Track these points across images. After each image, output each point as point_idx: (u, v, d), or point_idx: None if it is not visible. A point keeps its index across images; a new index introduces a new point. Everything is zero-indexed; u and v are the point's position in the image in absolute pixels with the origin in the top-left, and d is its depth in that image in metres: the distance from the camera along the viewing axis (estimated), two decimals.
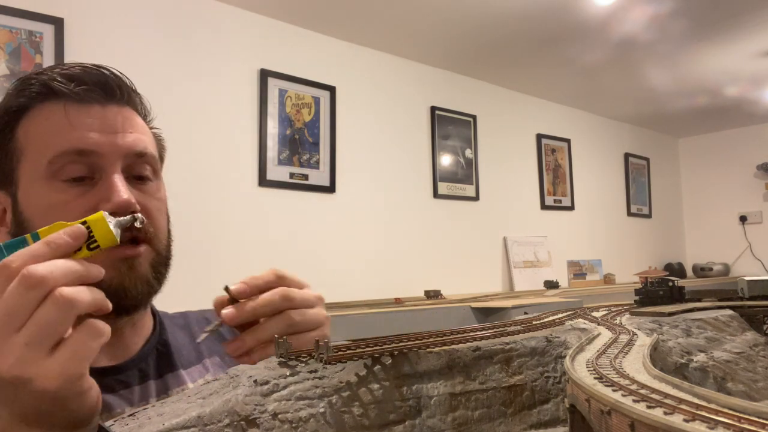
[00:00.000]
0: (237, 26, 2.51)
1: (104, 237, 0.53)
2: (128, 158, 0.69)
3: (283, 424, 0.46)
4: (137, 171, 0.71)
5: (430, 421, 0.54)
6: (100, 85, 0.70)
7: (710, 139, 5.16)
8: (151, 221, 0.71)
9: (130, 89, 0.74)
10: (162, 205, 0.75)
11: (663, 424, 0.37)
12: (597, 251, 4.22)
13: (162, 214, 0.75)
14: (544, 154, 3.97)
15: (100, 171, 0.67)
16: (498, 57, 3.22)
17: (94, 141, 0.67)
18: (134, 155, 0.70)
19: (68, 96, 0.68)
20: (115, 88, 0.71)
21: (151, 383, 0.75)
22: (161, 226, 0.74)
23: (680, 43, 3.10)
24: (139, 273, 0.69)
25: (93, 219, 0.53)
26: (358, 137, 2.90)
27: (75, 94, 0.68)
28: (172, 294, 0.80)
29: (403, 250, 3.02)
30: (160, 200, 0.74)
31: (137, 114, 0.75)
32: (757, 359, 0.81)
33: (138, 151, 0.70)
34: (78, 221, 0.53)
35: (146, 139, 0.73)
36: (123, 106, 0.72)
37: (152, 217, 0.71)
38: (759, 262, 4.72)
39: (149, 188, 0.73)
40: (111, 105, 0.70)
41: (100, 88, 0.70)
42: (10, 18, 1.93)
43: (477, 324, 0.87)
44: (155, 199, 0.73)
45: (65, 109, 0.68)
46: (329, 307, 2.67)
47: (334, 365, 0.52)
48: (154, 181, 0.74)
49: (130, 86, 0.74)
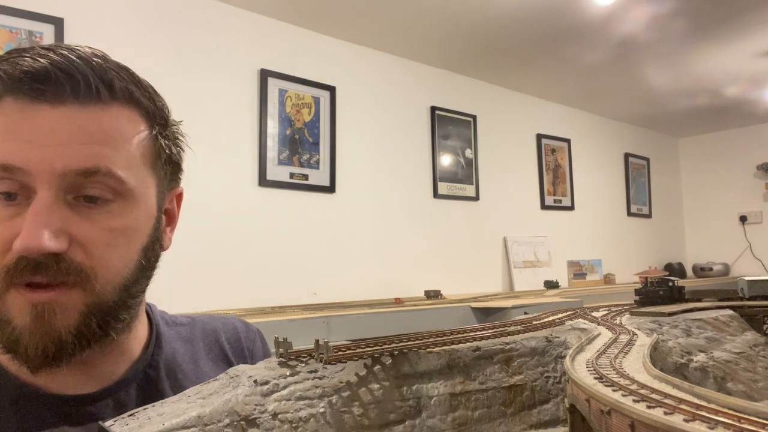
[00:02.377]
0: (237, 26, 2.51)
1: None
2: (68, 177, 0.55)
3: (283, 424, 0.46)
4: (84, 191, 0.56)
5: (430, 421, 0.54)
6: (48, 78, 0.55)
7: (710, 139, 5.16)
8: (89, 260, 0.56)
9: (105, 77, 0.58)
10: (118, 238, 0.58)
11: (663, 424, 0.37)
12: (597, 251, 4.22)
13: (114, 249, 0.58)
14: (544, 154, 3.97)
15: (31, 190, 0.54)
16: (498, 57, 3.22)
17: (22, 155, 0.54)
18: (75, 174, 0.55)
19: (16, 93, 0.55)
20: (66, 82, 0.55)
21: None
22: (109, 264, 0.58)
23: (680, 43, 3.10)
24: (55, 325, 0.55)
25: None
26: (358, 137, 2.90)
27: (22, 93, 0.55)
28: (172, 294, 0.79)
29: (403, 250, 3.02)
30: (116, 231, 0.58)
31: (125, 109, 0.60)
32: (757, 359, 0.81)
33: (81, 168, 0.55)
34: None
35: (107, 153, 0.57)
36: (88, 104, 0.56)
37: (93, 255, 0.56)
38: (759, 262, 4.72)
39: (101, 215, 0.57)
40: (66, 105, 0.55)
41: (47, 83, 0.55)
42: (10, 18, 1.93)
43: (477, 324, 0.87)
44: (107, 231, 0.57)
45: (10, 110, 0.55)
46: (330, 307, 2.65)
47: (334, 365, 0.52)
48: (117, 205, 0.58)
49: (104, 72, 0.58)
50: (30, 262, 0.53)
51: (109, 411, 0.63)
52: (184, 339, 0.76)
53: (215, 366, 0.77)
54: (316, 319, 1.90)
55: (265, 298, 2.39)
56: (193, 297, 2.15)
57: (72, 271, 0.55)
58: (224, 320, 0.85)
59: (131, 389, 0.66)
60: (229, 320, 0.86)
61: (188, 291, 2.18)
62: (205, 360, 0.77)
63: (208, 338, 0.80)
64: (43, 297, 0.54)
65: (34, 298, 0.54)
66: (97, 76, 0.57)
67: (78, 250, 0.56)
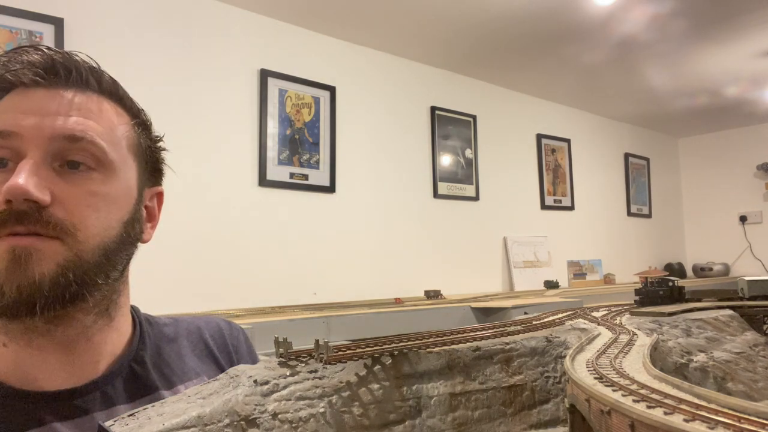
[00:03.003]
0: (237, 26, 2.51)
1: None
2: (55, 141, 0.61)
3: (283, 424, 0.46)
4: (69, 156, 0.62)
5: (430, 421, 0.54)
6: (48, 67, 0.63)
7: (710, 139, 5.17)
8: (70, 217, 0.61)
9: (93, 72, 0.67)
10: (98, 201, 0.63)
11: (663, 424, 0.37)
12: (597, 251, 4.22)
13: (94, 211, 0.63)
14: (544, 154, 3.97)
15: (21, 155, 0.60)
16: (498, 57, 3.22)
17: (15, 122, 0.60)
18: (63, 138, 0.61)
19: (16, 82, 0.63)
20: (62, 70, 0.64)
21: (120, 409, 0.65)
22: (88, 224, 0.62)
23: (680, 43, 3.10)
24: (33, 271, 0.58)
25: None
26: (358, 137, 2.90)
27: (21, 82, 0.62)
28: (172, 294, 0.80)
29: (403, 250, 3.02)
30: (97, 195, 0.63)
31: (110, 103, 0.68)
32: (757, 359, 0.81)
33: (68, 134, 0.62)
34: None
35: (91, 125, 0.64)
36: (79, 91, 0.65)
37: (73, 212, 0.61)
38: (759, 262, 4.72)
39: (83, 180, 0.63)
40: (60, 89, 0.63)
41: (47, 71, 0.63)
42: (10, 18, 1.93)
43: (477, 324, 0.87)
44: (88, 194, 0.63)
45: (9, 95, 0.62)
46: (330, 307, 2.65)
47: (334, 365, 0.52)
48: (98, 173, 0.64)
49: (99, 72, 0.68)
50: (14, 213, 0.58)
51: (97, 404, 0.64)
52: (168, 337, 0.77)
53: (200, 362, 0.78)
54: (316, 319, 1.90)
55: (265, 298, 2.39)
56: (193, 297, 2.15)
57: (53, 223, 0.59)
58: (207, 319, 0.87)
59: (117, 383, 0.67)
60: (212, 319, 0.88)
61: (188, 291, 2.18)
62: (190, 356, 0.78)
63: (192, 335, 0.81)
64: (23, 241, 0.58)
65: (13, 241, 0.58)
66: (89, 71, 0.66)
67: (59, 208, 0.60)
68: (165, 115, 2.18)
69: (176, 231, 2.19)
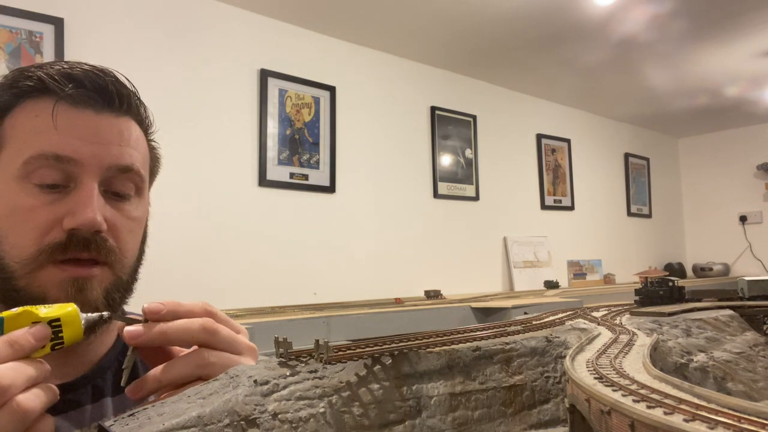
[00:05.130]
0: (237, 26, 2.51)
1: (72, 336, 0.49)
2: (110, 171, 0.64)
3: (283, 424, 0.46)
4: (117, 187, 0.66)
5: (430, 421, 0.54)
6: (99, 90, 0.65)
7: (710, 139, 5.17)
8: (117, 243, 0.65)
9: (133, 97, 0.69)
10: (135, 226, 0.69)
11: (663, 424, 0.37)
12: (597, 251, 4.22)
13: (133, 236, 0.68)
14: (544, 154, 3.97)
15: (75, 180, 0.63)
16: (498, 57, 3.22)
17: (74, 148, 0.62)
18: (117, 169, 0.65)
19: (61, 97, 0.63)
20: (115, 96, 0.66)
21: (108, 401, 0.68)
22: (128, 248, 0.67)
23: (680, 43, 3.10)
24: (89, 297, 0.62)
25: (66, 315, 0.49)
26: (358, 137, 2.90)
27: (69, 96, 0.63)
28: (172, 294, 0.80)
29: (403, 250, 3.02)
30: (135, 220, 0.68)
31: (137, 125, 0.70)
32: (757, 359, 0.81)
33: (122, 165, 0.65)
34: (50, 313, 0.48)
35: (136, 155, 0.68)
36: (121, 116, 0.67)
37: (120, 239, 0.65)
38: (759, 262, 4.72)
39: (125, 207, 0.67)
40: (106, 113, 0.66)
41: (98, 94, 0.65)
42: (10, 18, 1.93)
43: (477, 324, 0.87)
44: (129, 220, 0.67)
45: (55, 110, 0.63)
46: (330, 307, 2.65)
47: (334, 365, 0.52)
48: (135, 200, 0.68)
49: (133, 94, 0.69)
50: (81, 239, 0.61)
51: (88, 397, 0.67)
52: None
53: None
54: (316, 319, 1.90)
55: (265, 298, 2.39)
56: (193, 297, 2.14)
57: (106, 250, 0.63)
58: None
59: (108, 375, 0.70)
60: None
61: (188, 291, 2.17)
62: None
63: None
64: (85, 272, 0.62)
65: (76, 272, 0.62)
66: (121, 92, 0.67)
67: (110, 234, 0.64)
68: (165, 115, 2.18)
69: (176, 231, 2.19)
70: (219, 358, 0.55)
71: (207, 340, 0.55)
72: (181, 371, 0.53)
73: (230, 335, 0.57)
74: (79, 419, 0.64)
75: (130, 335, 0.52)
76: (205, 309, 0.57)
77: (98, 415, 0.66)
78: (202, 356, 0.54)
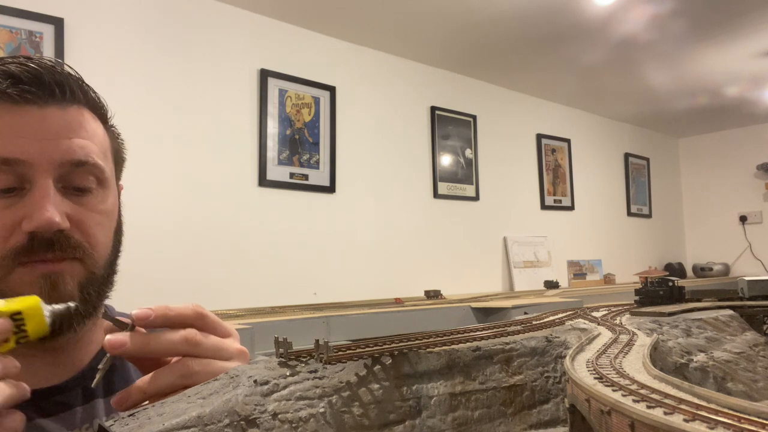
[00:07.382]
0: (237, 26, 2.51)
1: (36, 329, 0.48)
2: (63, 167, 0.62)
3: (283, 424, 0.46)
4: (77, 181, 0.64)
5: (430, 421, 0.54)
6: (37, 83, 0.62)
7: (710, 139, 5.17)
8: (85, 237, 0.64)
9: (79, 85, 0.66)
10: (104, 219, 0.67)
11: (663, 424, 0.37)
12: (597, 251, 4.22)
13: (103, 229, 0.67)
14: (544, 154, 3.97)
15: (30, 181, 0.60)
16: (498, 57, 3.22)
17: (21, 149, 0.60)
18: (71, 164, 0.63)
19: (2, 97, 0.61)
20: (55, 87, 0.63)
21: (99, 402, 0.67)
22: (99, 242, 0.66)
23: (680, 43, 3.10)
24: (64, 293, 0.61)
25: (28, 308, 0.48)
26: (358, 137, 2.90)
27: (7, 95, 0.61)
28: (172, 294, 0.80)
29: (403, 250, 3.02)
30: (102, 213, 0.67)
31: (89, 113, 0.67)
32: (757, 359, 0.81)
33: (75, 159, 0.63)
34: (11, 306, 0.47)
35: (90, 146, 0.65)
36: (68, 106, 0.64)
37: (88, 233, 0.64)
38: (759, 262, 4.72)
39: (89, 200, 0.65)
40: (51, 106, 0.63)
41: (37, 87, 0.62)
42: (10, 18, 1.93)
43: (477, 324, 0.87)
44: (95, 213, 0.65)
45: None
46: (330, 307, 2.65)
47: (334, 365, 0.52)
48: (99, 192, 0.66)
49: (78, 81, 0.66)
50: (43, 241, 0.60)
51: (79, 399, 0.66)
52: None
53: None
54: (316, 319, 1.90)
55: (265, 298, 2.39)
56: (192, 297, 2.14)
57: (73, 246, 0.62)
58: None
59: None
60: None
61: (188, 291, 2.17)
62: None
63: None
64: (55, 267, 0.61)
65: (46, 268, 0.61)
66: (69, 82, 0.65)
67: (75, 230, 0.63)
68: (165, 115, 2.18)
69: (176, 231, 2.18)
70: (203, 366, 0.55)
71: (189, 351, 0.55)
72: (165, 381, 0.53)
73: (215, 343, 0.57)
74: (70, 421, 0.64)
75: (111, 345, 0.52)
76: (195, 311, 0.57)
77: (89, 417, 0.66)
78: (187, 365, 0.54)
